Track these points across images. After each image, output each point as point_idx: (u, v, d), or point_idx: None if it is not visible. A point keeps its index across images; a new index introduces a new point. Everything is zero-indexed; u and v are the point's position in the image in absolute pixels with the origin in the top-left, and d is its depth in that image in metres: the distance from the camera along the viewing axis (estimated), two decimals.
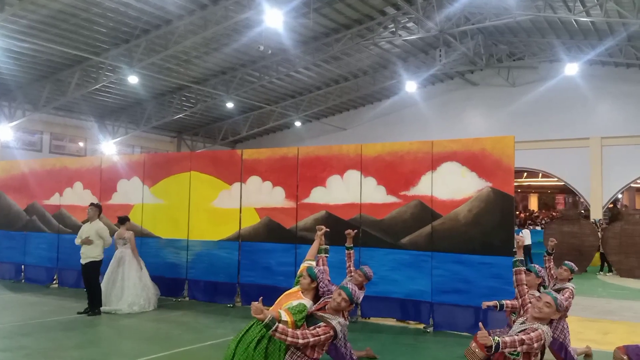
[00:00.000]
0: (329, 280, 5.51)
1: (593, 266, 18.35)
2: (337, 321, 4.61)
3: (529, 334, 3.88)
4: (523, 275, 4.73)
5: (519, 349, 3.81)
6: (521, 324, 4.20)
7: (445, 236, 8.31)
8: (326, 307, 4.75)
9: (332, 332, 4.51)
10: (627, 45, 20.28)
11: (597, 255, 18.19)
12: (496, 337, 3.81)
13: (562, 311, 4.17)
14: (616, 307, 11.31)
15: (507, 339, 3.82)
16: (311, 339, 4.38)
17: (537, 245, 19.90)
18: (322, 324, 4.54)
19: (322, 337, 4.44)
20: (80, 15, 15.57)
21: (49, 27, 16.02)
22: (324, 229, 6.11)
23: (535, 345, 3.83)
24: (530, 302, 4.45)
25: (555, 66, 23.29)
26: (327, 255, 5.97)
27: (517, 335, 3.90)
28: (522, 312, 4.61)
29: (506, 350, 3.82)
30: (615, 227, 17.78)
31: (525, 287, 4.69)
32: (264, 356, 4.62)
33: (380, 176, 8.92)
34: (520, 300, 4.63)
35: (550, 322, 4.27)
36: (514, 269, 4.79)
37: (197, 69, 21.18)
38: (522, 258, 4.91)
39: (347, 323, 5.03)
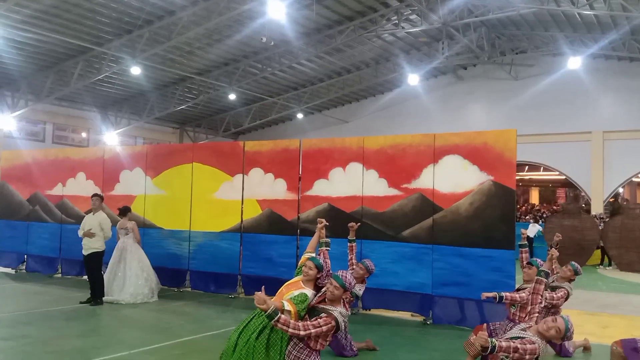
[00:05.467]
0: (328, 271, 5.52)
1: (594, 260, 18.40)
2: (339, 311, 4.64)
3: (525, 345, 3.96)
4: (542, 286, 4.79)
5: (511, 355, 3.90)
6: (522, 330, 4.25)
7: (446, 229, 8.34)
8: (326, 299, 4.78)
9: (333, 323, 4.55)
10: (631, 39, 20.22)
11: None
12: (494, 340, 3.91)
13: (567, 339, 4.22)
14: (616, 300, 11.36)
15: (503, 343, 3.92)
16: (312, 330, 4.41)
17: (538, 239, 19.93)
18: (323, 314, 4.58)
19: (323, 327, 4.48)
20: (83, 5, 15.56)
21: (51, 17, 16.01)
22: (324, 222, 6.02)
23: (527, 357, 3.95)
24: (540, 315, 4.58)
25: (558, 60, 23.21)
26: (328, 248, 5.88)
27: (514, 342, 3.97)
28: (526, 317, 4.68)
29: (500, 354, 3.93)
30: (615, 221, 17.79)
31: (540, 297, 4.74)
32: (265, 346, 4.64)
33: (382, 169, 8.94)
34: (529, 307, 4.72)
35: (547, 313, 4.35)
36: (536, 278, 4.85)
37: (199, 60, 21.17)
38: (548, 271, 4.95)
39: (349, 314, 5.05)
